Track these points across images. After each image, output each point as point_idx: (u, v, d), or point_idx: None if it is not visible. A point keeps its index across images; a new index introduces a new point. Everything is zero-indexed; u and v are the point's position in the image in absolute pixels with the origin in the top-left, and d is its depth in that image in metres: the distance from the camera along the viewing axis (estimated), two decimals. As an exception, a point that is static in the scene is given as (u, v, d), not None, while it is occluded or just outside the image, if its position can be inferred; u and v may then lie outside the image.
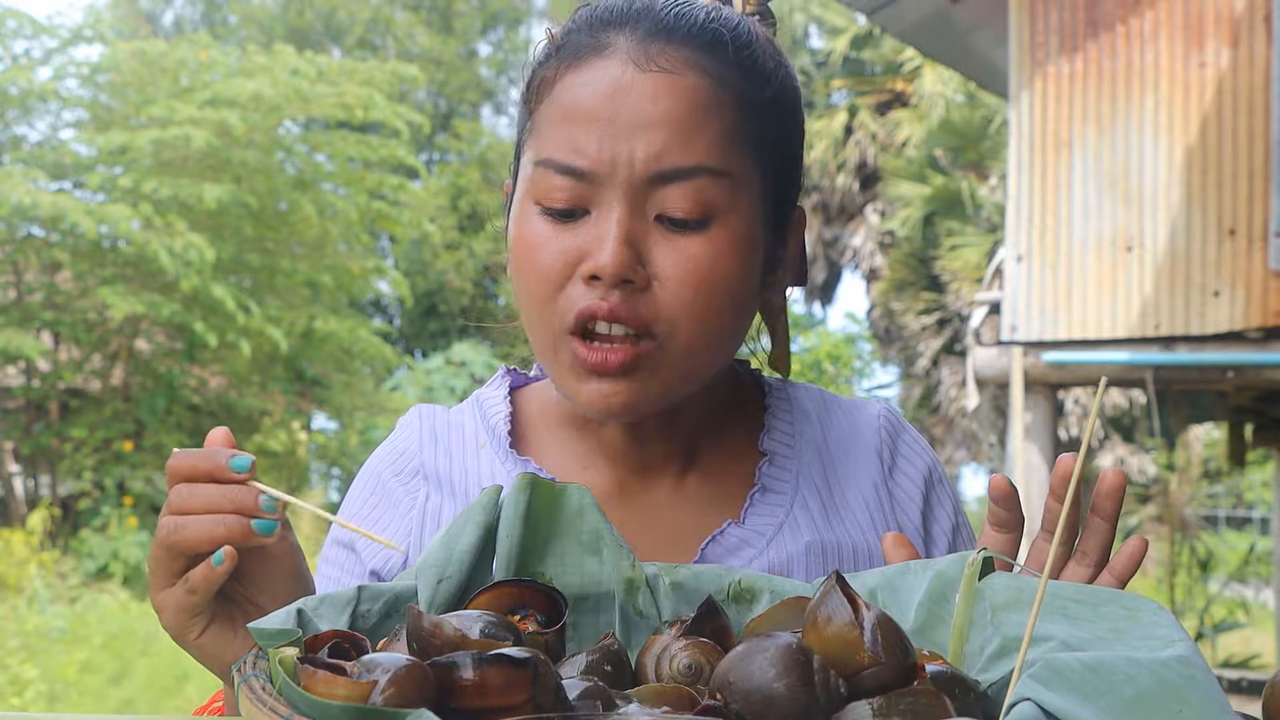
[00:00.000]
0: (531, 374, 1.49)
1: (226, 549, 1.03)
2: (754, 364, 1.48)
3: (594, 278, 1.20)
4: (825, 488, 1.37)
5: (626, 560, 1.08)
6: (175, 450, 1.08)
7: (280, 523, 1.06)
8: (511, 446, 1.38)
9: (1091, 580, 1.13)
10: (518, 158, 1.31)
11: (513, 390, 1.45)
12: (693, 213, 1.21)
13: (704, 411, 1.37)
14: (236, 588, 1.10)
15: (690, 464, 1.37)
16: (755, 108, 1.26)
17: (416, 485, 1.37)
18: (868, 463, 1.40)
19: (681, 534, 1.32)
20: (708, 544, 1.30)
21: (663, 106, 1.20)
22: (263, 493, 1.03)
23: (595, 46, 1.24)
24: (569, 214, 1.22)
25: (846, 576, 1.04)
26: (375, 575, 1.34)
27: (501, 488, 1.13)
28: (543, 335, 1.25)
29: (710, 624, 0.97)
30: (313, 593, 1.13)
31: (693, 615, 0.98)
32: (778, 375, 1.48)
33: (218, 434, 1.10)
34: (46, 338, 15.34)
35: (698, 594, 1.03)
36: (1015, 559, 1.15)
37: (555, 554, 1.09)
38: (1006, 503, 1.17)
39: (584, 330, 1.21)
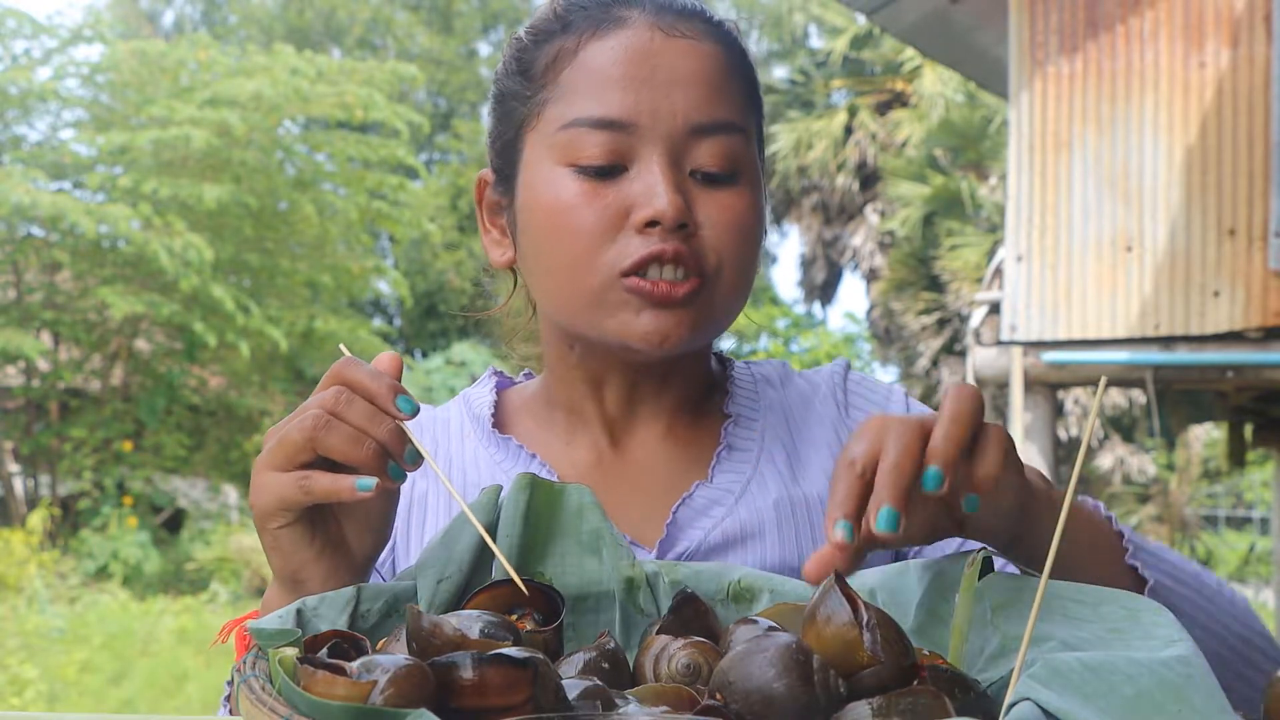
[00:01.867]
0: (518, 379, 1.53)
1: (378, 482, 1.01)
2: None
3: (650, 225, 1.23)
4: (791, 443, 1.40)
5: (626, 559, 1.08)
6: (350, 358, 1.07)
7: None
8: (494, 428, 1.40)
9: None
10: (515, 137, 1.33)
11: (499, 389, 1.48)
12: (725, 167, 1.27)
13: (685, 386, 1.40)
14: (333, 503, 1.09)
15: (665, 435, 1.39)
16: (750, 79, 1.35)
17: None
18: (825, 410, 1.42)
19: (656, 499, 1.34)
20: (679, 507, 1.32)
21: (694, 65, 1.27)
22: (410, 443, 1.03)
23: (611, 19, 1.29)
24: (607, 170, 1.25)
25: (850, 576, 1.04)
26: None
27: (501, 488, 1.13)
28: (585, 286, 1.26)
29: (688, 615, 0.97)
30: (387, 543, 1.13)
31: (670, 608, 0.99)
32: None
33: (388, 360, 1.09)
34: (46, 338, 15.35)
35: (698, 592, 1.03)
36: None
37: (555, 554, 1.09)
38: None
39: (641, 273, 1.24)
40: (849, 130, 25.05)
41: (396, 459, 1.02)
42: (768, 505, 1.33)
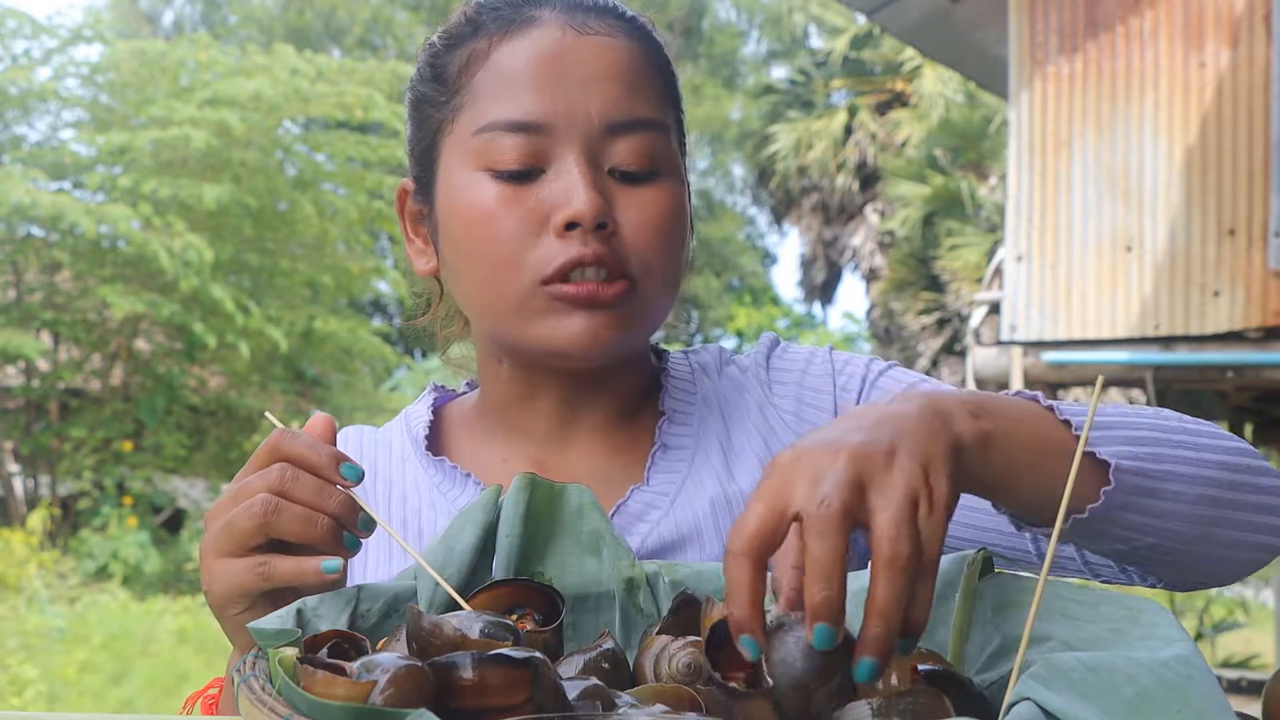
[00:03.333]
0: (459, 390, 1.51)
1: (343, 562, 1.00)
2: None
3: (569, 227, 1.21)
4: (725, 435, 1.37)
5: (626, 560, 1.08)
6: (284, 430, 1.05)
7: None
8: (428, 451, 1.39)
9: None
10: (431, 143, 1.31)
11: (438, 405, 1.47)
12: (644, 165, 1.24)
13: (624, 387, 1.38)
14: None
15: (603, 439, 1.37)
16: (668, 74, 1.32)
17: None
18: (753, 394, 1.39)
19: None
20: (614, 513, 1.30)
21: (609, 62, 1.25)
22: (361, 510, 1.01)
23: (522, 20, 1.27)
24: (524, 174, 1.23)
25: (852, 575, 1.04)
26: None
27: (501, 487, 1.12)
28: (507, 293, 1.24)
29: (688, 616, 0.97)
30: None
31: (669, 609, 0.99)
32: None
33: (320, 424, 1.08)
34: (46, 338, 15.34)
35: (699, 592, 1.03)
36: None
37: (555, 554, 1.09)
38: None
39: (564, 278, 1.22)
40: (849, 130, 25.06)
41: (350, 529, 1.01)
42: (704, 505, 1.30)
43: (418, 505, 1.34)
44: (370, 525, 1.01)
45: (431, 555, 1.06)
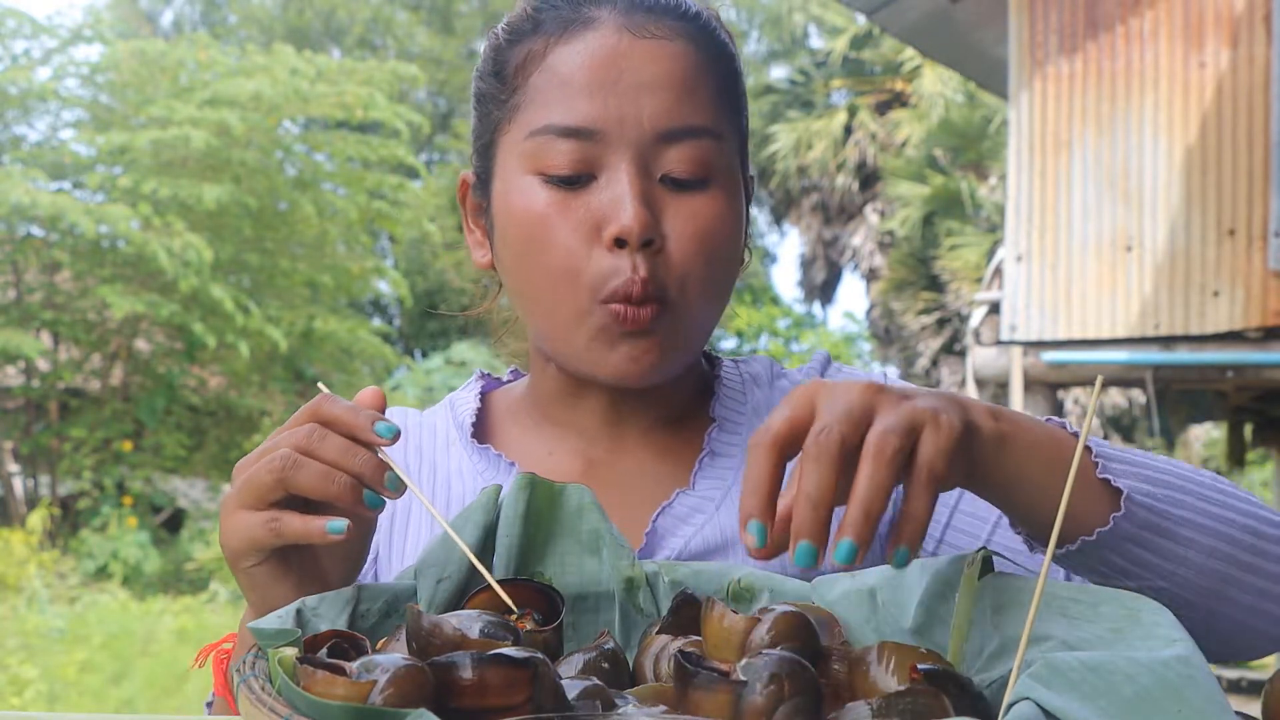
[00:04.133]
0: (504, 378, 1.51)
1: (348, 524, 0.99)
2: None
3: (618, 242, 1.21)
4: None
5: (626, 559, 1.08)
6: (326, 394, 1.05)
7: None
8: (474, 437, 1.39)
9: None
10: (490, 140, 1.31)
11: (485, 392, 1.47)
12: (695, 172, 1.24)
13: (678, 389, 1.38)
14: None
15: (652, 440, 1.38)
16: (729, 75, 1.30)
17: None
18: None
19: (639, 507, 1.33)
20: (658, 515, 1.31)
21: (663, 68, 1.23)
22: (390, 469, 1.01)
23: (580, 20, 1.26)
24: (575, 180, 1.23)
25: (848, 575, 1.04)
26: None
27: (500, 487, 1.13)
28: (567, 307, 1.24)
29: (688, 616, 0.97)
30: (363, 566, 1.13)
31: (669, 608, 0.99)
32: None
33: (370, 394, 1.07)
34: (46, 337, 15.34)
35: (698, 592, 1.03)
36: None
37: (555, 554, 1.09)
38: None
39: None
40: (849, 130, 25.06)
41: (375, 488, 1.01)
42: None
43: (461, 492, 1.35)
44: (399, 485, 1.01)
45: (432, 554, 1.06)
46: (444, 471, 1.38)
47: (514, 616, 0.95)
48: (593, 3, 1.27)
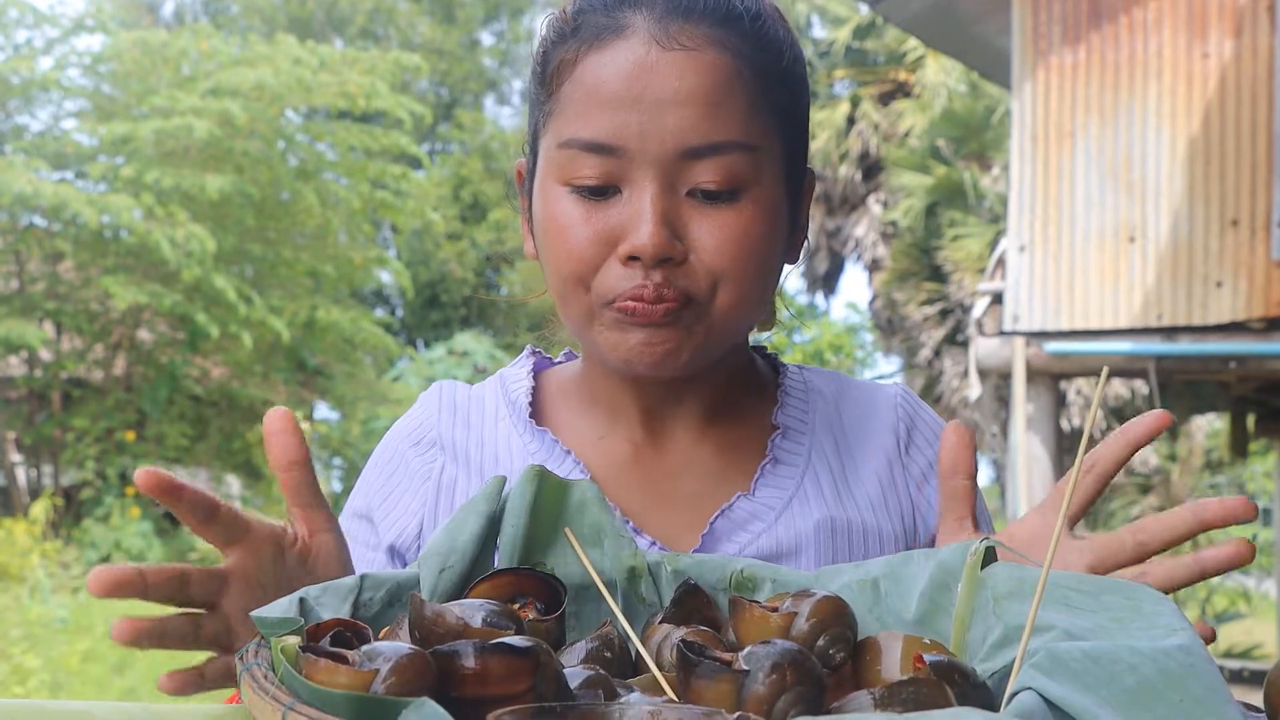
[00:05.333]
0: (556, 360, 1.51)
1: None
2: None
3: (632, 258, 1.21)
4: (838, 463, 1.37)
5: (628, 550, 1.08)
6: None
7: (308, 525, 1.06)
8: (530, 418, 1.39)
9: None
10: (535, 138, 1.32)
11: (536, 371, 1.47)
12: (723, 185, 1.22)
13: (723, 382, 1.38)
14: (301, 577, 1.08)
15: (705, 435, 1.37)
16: (773, 78, 1.26)
17: (433, 456, 1.38)
18: (883, 439, 1.40)
19: (693, 504, 1.32)
20: (717, 518, 1.30)
21: (689, 83, 1.21)
22: None
23: (614, 27, 1.24)
24: (600, 191, 1.23)
25: (851, 566, 1.04)
26: (393, 549, 1.36)
27: (505, 479, 1.13)
28: (576, 310, 1.26)
29: (691, 606, 0.97)
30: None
31: (672, 598, 0.99)
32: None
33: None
34: (49, 327, 15.36)
35: (701, 582, 1.03)
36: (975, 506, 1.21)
37: (558, 545, 1.09)
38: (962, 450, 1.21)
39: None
40: (851, 120, 25.03)
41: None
42: (809, 525, 1.31)
43: (509, 469, 1.35)
44: None
45: (436, 545, 1.06)
46: (491, 446, 1.38)
47: (517, 606, 0.95)
48: (630, 6, 1.25)
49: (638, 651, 0.93)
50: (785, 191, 1.29)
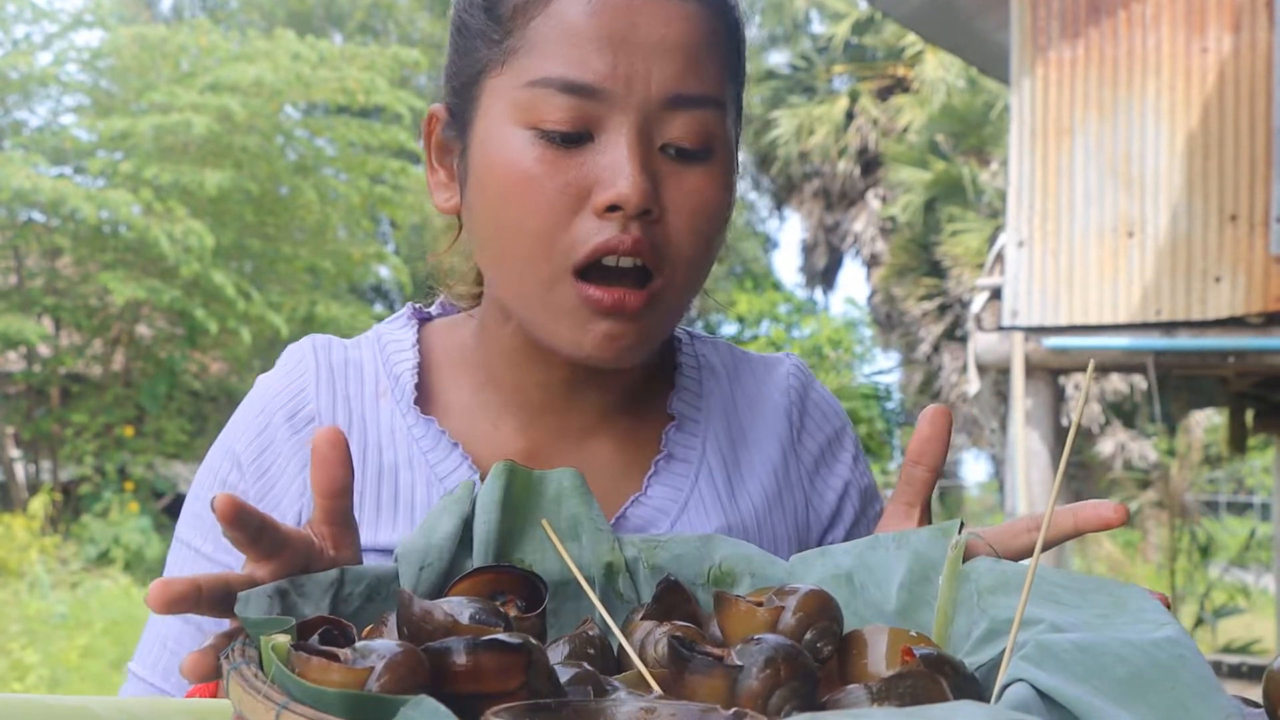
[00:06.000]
0: (434, 310, 1.39)
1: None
2: None
3: (611, 209, 1.12)
4: (732, 456, 1.31)
5: (606, 544, 1.07)
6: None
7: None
8: (416, 403, 1.27)
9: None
10: (474, 78, 1.20)
11: (419, 332, 1.34)
12: (698, 143, 1.15)
13: (643, 366, 1.28)
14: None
15: (604, 426, 1.29)
16: (735, 41, 1.22)
17: (310, 434, 1.25)
18: (776, 424, 1.34)
19: None
20: (613, 523, 1.23)
21: (676, 31, 1.14)
22: None
23: None
24: (572, 139, 1.13)
25: (820, 551, 1.04)
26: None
27: (475, 482, 1.10)
28: (535, 275, 1.15)
29: (670, 602, 0.97)
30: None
31: (653, 595, 0.98)
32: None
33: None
34: (47, 323, 15.35)
35: (682, 577, 1.03)
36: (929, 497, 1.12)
37: (533, 540, 1.07)
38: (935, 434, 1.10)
39: (590, 267, 1.14)
40: (850, 116, 25.04)
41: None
42: (705, 531, 1.23)
43: (394, 461, 1.24)
44: None
45: (411, 544, 1.05)
46: (375, 430, 1.26)
47: (498, 604, 0.95)
48: None
49: (620, 648, 0.93)
50: (735, 154, 1.24)
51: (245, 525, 0.92)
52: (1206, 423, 20.14)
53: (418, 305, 1.39)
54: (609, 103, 1.12)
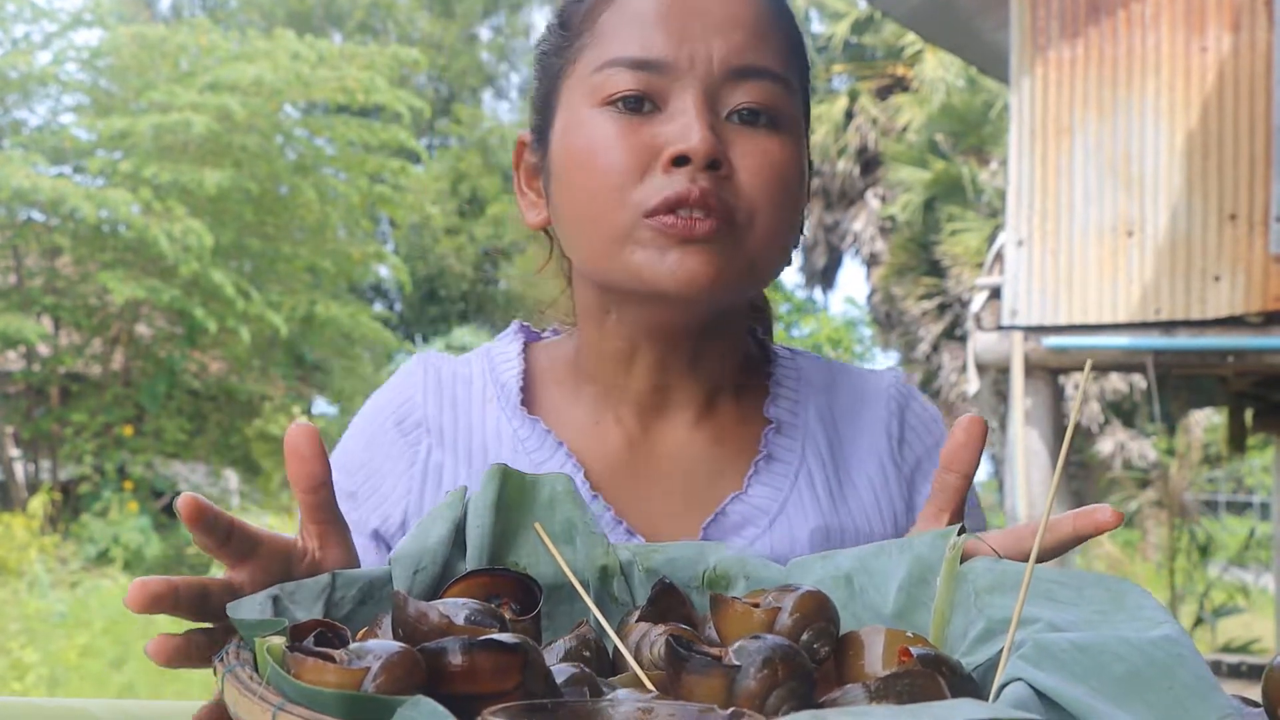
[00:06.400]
0: (544, 332, 1.46)
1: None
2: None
3: (680, 162, 1.17)
4: (831, 462, 1.33)
5: (600, 547, 1.07)
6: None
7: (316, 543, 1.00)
8: (522, 404, 1.33)
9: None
10: (550, 95, 1.28)
11: (525, 346, 1.41)
12: (765, 106, 1.21)
13: (718, 365, 1.33)
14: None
15: (700, 424, 1.33)
16: (792, 32, 1.28)
17: (418, 438, 1.33)
18: (875, 437, 1.36)
19: (686, 502, 1.29)
20: (710, 523, 1.26)
21: (734, 9, 1.22)
22: None
23: None
24: (640, 105, 1.20)
25: (818, 557, 1.04)
26: (377, 534, 1.31)
27: (466, 488, 1.11)
28: (611, 224, 1.20)
29: (666, 605, 0.97)
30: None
31: (649, 597, 0.98)
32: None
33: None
34: (47, 322, 15.36)
35: (674, 580, 1.03)
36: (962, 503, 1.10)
37: (527, 543, 1.07)
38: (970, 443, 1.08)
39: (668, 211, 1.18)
40: (850, 115, 25.02)
41: None
42: (804, 533, 1.28)
43: (499, 457, 1.29)
44: None
45: (405, 549, 1.05)
46: (480, 434, 1.33)
47: (493, 606, 0.94)
48: None
49: (615, 651, 0.93)
50: (805, 141, 1.29)
51: (212, 528, 0.93)
52: (1206, 422, 20.15)
53: (526, 324, 1.45)
54: (673, 75, 1.20)
